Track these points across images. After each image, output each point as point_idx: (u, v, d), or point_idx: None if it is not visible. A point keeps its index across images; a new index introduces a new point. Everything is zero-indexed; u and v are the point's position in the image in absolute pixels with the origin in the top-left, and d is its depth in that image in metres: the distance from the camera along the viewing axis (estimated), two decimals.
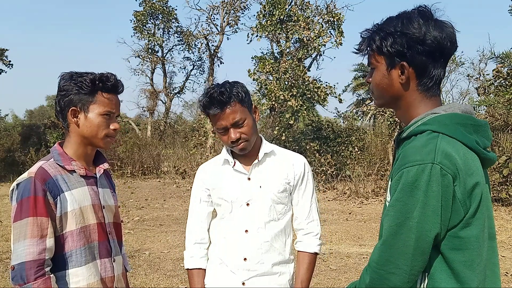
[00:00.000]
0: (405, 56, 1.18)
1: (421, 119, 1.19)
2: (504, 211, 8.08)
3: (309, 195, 1.83)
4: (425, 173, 1.05)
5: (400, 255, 1.08)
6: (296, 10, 14.26)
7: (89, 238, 1.56)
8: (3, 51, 17.11)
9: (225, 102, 1.65)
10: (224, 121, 1.67)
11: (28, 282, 1.37)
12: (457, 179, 1.06)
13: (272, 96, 13.11)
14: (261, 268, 1.72)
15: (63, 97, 1.56)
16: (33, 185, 1.44)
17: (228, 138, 1.70)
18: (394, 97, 1.25)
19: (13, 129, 19.81)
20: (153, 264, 5.07)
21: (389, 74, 1.23)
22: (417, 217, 1.06)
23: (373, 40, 1.23)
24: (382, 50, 1.21)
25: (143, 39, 21.97)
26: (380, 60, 1.23)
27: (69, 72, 1.59)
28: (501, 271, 4.61)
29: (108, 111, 1.58)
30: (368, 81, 1.31)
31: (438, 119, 1.15)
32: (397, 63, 1.20)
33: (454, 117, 1.15)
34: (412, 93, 1.23)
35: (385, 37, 1.19)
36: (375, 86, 1.27)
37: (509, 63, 11.99)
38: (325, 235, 6.36)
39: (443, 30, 1.17)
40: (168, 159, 16.14)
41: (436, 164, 1.05)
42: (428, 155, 1.07)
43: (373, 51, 1.24)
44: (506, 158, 8.53)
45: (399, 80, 1.22)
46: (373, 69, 1.27)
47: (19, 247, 1.41)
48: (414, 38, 1.16)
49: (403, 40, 1.17)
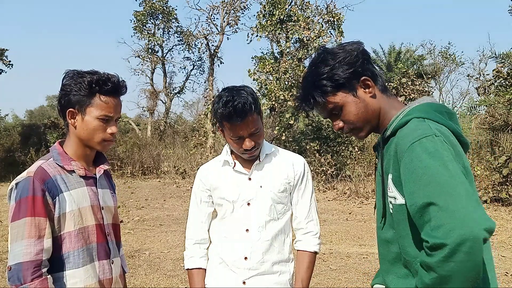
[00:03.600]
0: (359, 73, 1.25)
1: (401, 113, 1.23)
2: (504, 211, 8.07)
3: (309, 195, 1.84)
4: (430, 140, 1.06)
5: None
6: (296, 10, 14.26)
7: (87, 240, 1.54)
8: (3, 51, 17.10)
9: (247, 113, 1.63)
10: (242, 131, 1.66)
11: (25, 283, 1.36)
12: (456, 153, 1.08)
13: (272, 96, 13.11)
14: (262, 267, 1.73)
15: (64, 96, 1.53)
16: (32, 184, 1.42)
17: (242, 146, 1.69)
18: (374, 114, 1.28)
19: (13, 129, 19.81)
20: (153, 264, 5.07)
21: (358, 98, 1.26)
22: (452, 169, 1.02)
23: (322, 87, 1.25)
24: (339, 83, 1.24)
25: (143, 39, 21.98)
26: (341, 95, 1.26)
27: (73, 70, 1.55)
28: (501, 271, 4.61)
29: (105, 115, 1.53)
30: (339, 126, 1.30)
31: (417, 108, 1.20)
32: (357, 83, 1.25)
33: (431, 106, 1.21)
34: (381, 99, 1.29)
35: (332, 74, 1.24)
36: (355, 117, 1.27)
37: (509, 63, 11.99)
38: (325, 235, 6.36)
39: (350, 45, 1.29)
40: (168, 159, 16.13)
41: (438, 136, 1.07)
42: (426, 130, 1.10)
43: (330, 94, 1.26)
44: (506, 158, 8.53)
45: (369, 95, 1.27)
46: (335, 112, 1.28)
47: (16, 247, 1.39)
48: (350, 57, 1.25)
49: (344, 65, 1.24)
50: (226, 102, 1.63)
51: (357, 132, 1.31)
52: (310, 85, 1.28)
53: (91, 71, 1.54)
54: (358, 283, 4.43)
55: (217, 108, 1.67)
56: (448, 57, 23.76)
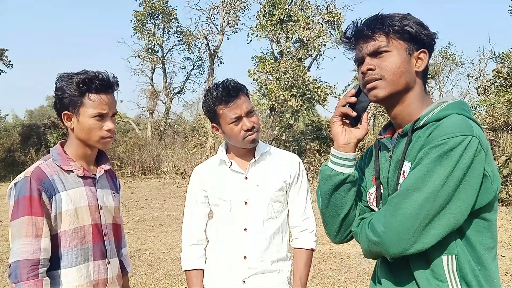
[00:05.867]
0: (426, 46, 1.21)
1: (437, 107, 1.18)
2: (504, 211, 8.08)
3: (304, 193, 1.85)
4: (462, 145, 1.03)
5: (404, 219, 1.05)
6: (296, 10, 14.27)
7: (82, 239, 1.55)
8: (3, 51, 17.11)
9: (239, 89, 1.72)
10: (239, 109, 1.70)
11: (21, 280, 1.39)
12: (487, 157, 1.07)
13: (272, 96, 13.12)
14: (261, 266, 1.74)
15: (58, 100, 1.55)
16: (29, 184, 1.45)
17: (242, 127, 1.71)
18: (407, 86, 1.20)
19: (13, 129, 19.81)
20: (153, 264, 5.07)
21: (409, 60, 1.20)
22: (438, 186, 1.03)
23: (393, 22, 1.18)
24: (406, 34, 1.18)
25: (143, 39, 21.96)
26: (397, 45, 1.19)
27: (64, 73, 1.56)
28: (501, 271, 4.62)
29: (99, 112, 1.53)
30: (371, 68, 1.20)
31: (456, 105, 1.17)
32: (418, 50, 1.20)
33: (465, 104, 1.19)
34: (419, 85, 1.23)
35: (411, 23, 1.18)
36: (392, 70, 1.17)
37: (509, 63, 12.00)
38: (325, 235, 6.31)
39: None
40: (168, 159, 16.14)
41: (476, 137, 1.05)
42: (467, 129, 1.06)
43: (391, 34, 1.18)
44: (506, 158, 8.54)
45: (415, 68, 1.21)
46: (380, 53, 1.19)
47: (15, 246, 1.43)
48: (432, 34, 1.21)
49: (425, 31, 1.20)
50: (217, 86, 1.72)
51: (380, 87, 1.20)
52: (392, 16, 1.20)
53: (81, 72, 1.55)
54: (358, 283, 4.43)
55: (209, 97, 1.73)
56: (448, 57, 23.78)
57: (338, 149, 1.27)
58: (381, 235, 1.08)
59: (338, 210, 1.29)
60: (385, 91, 1.19)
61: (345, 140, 1.26)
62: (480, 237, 1.11)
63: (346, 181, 1.25)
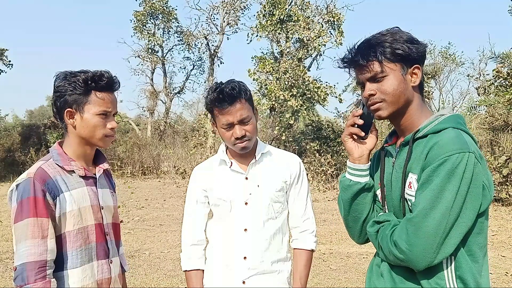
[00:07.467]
0: (418, 61, 1.30)
1: (435, 120, 1.28)
2: (504, 211, 8.08)
3: (304, 194, 1.85)
4: (463, 162, 1.14)
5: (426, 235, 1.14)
6: (296, 10, 14.26)
7: (86, 239, 1.54)
8: (3, 51, 17.11)
9: (235, 97, 1.66)
10: (231, 116, 1.67)
11: (28, 283, 1.36)
12: (483, 167, 1.18)
13: (272, 96, 13.12)
14: (261, 266, 1.73)
15: (58, 98, 1.54)
16: (33, 185, 1.43)
17: (232, 134, 1.70)
18: (407, 102, 1.31)
19: (13, 129, 19.82)
20: (153, 264, 5.07)
21: (405, 79, 1.29)
22: (451, 201, 1.14)
23: (384, 50, 1.27)
24: (398, 56, 1.27)
25: (143, 39, 21.96)
26: (392, 67, 1.28)
27: (64, 71, 1.56)
28: (501, 271, 4.61)
29: (104, 110, 1.55)
30: (372, 93, 1.30)
31: (452, 119, 1.27)
32: (411, 66, 1.29)
33: (461, 117, 1.29)
34: (417, 97, 1.33)
35: (400, 44, 1.27)
36: (391, 93, 1.28)
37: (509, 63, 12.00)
38: (325, 235, 6.36)
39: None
40: (168, 159, 16.15)
41: (471, 153, 1.15)
42: (464, 144, 1.17)
43: (384, 60, 1.27)
44: (506, 158, 8.54)
45: (412, 84, 1.30)
46: (377, 78, 1.29)
47: (21, 248, 1.40)
48: (422, 46, 1.29)
49: (415, 47, 1.28)
50: (216, 88, 1.69)
51: (383, 108, 1.31)
52: (382, 42, 1.28)
53: (82, 70, 1.56)
54: (358, 283, 4.43)
55: (207, 96, 1.72)
56: (448, 57, 23.77)
57: (354, 162, 1.40)
58: (406, 253, 1.18)
59: (358, 214, 1.42)
60: (387, 111, 1.31)
61: (359, 153, 1.40)
62: (476, 238, 1.21)
63: (364, 189, 1.39)
